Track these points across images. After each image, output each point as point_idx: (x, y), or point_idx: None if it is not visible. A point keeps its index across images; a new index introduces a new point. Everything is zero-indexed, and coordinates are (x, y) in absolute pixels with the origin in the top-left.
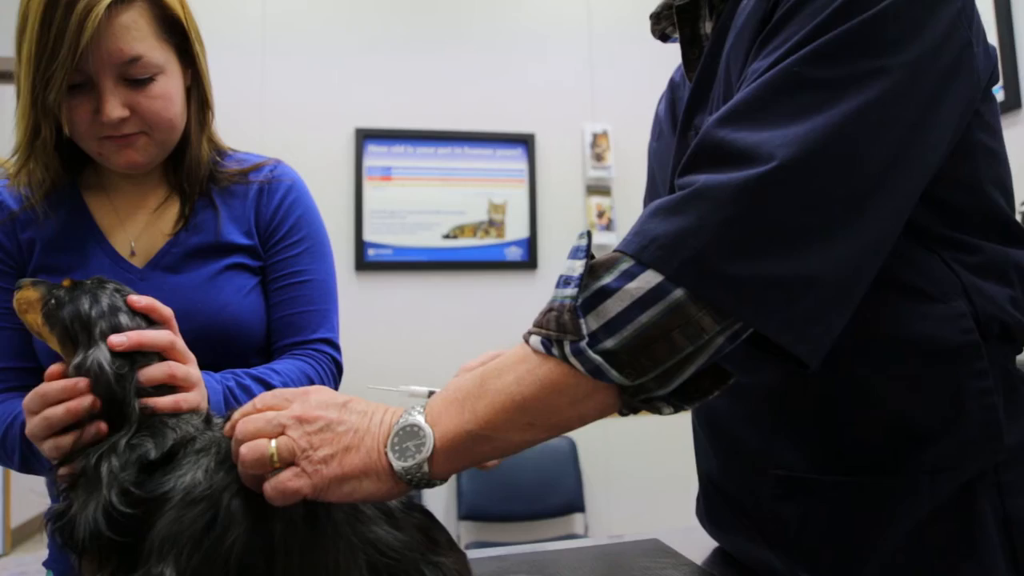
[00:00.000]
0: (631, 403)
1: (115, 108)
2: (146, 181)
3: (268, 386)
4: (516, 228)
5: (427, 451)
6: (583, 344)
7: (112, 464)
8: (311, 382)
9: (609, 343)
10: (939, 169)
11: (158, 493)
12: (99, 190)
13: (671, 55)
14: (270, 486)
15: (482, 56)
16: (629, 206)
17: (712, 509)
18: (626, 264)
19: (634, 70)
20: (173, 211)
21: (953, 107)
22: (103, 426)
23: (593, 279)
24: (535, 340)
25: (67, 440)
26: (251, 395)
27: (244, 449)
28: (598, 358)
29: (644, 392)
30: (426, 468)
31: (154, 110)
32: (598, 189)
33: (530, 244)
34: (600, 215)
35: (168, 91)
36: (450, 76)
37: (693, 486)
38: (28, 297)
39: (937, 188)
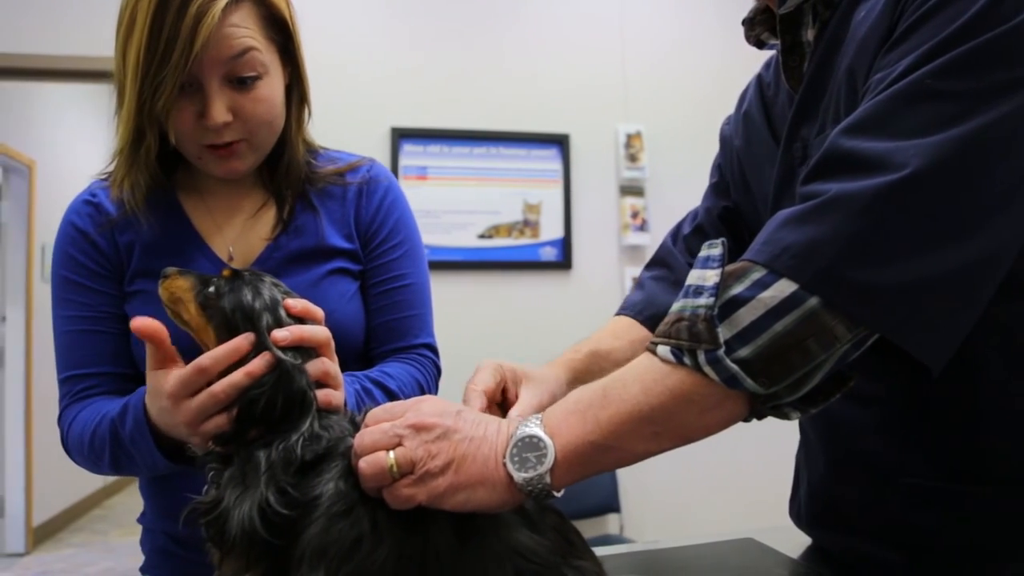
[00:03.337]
0: (760, 411)
1: (220, 112)
2: (241, 184)
3: (386, 389)
4: (551, 228)
5: (549, 462)
6: (720, 353)
7: (273, 461)
8: (420, 386)
9: (744, 352)
10: None
11: (310, 496)
12: (193, 192)
13: (704, 59)
14: (387, 494)
15: (516, 56)
16: (662, 207)
17: (817, 511)
18: (758, 273)
19: (668, 72)
20: (270, 214)
21: None
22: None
23: (723, 289)
24: (663, 350)
25: (223, 419)
26: (373, 398)
27: (363, 464)
28: (735, 367)
29: (775, 399)
30: (548, 479)
31: (257, 113)
32: (632, 190)
33: (565, 244)
34: (634, 216)
35: (271, 94)
36: (485, 76)
37: (727, 486)
38: (180, 285)
39: None
